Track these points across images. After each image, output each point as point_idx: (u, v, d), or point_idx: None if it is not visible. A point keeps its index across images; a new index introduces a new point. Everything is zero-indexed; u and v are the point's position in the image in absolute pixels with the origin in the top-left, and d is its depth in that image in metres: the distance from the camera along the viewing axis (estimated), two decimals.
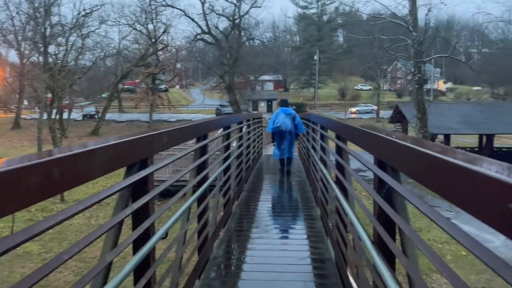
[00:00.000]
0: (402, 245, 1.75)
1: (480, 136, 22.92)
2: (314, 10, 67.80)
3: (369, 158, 2.33)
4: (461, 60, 24.40)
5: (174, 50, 39.92)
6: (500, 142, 26.17)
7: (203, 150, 3.64)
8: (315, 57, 57.26)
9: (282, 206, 6.46)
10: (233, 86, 42.14)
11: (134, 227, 1.98)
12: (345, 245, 3.45)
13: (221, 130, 5.68)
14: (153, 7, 38.71)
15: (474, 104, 24.35)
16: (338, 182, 3.52)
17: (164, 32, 39.42)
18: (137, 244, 1.92)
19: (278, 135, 8.42)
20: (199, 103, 51.80)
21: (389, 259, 1.90)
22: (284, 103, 8.86)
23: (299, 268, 3.86)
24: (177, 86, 56.57)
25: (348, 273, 3.26)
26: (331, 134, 4.66)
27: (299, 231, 5.10)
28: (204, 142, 3.60)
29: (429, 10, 19.93)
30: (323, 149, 4.97)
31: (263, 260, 4.03)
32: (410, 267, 1.57)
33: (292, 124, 8.37)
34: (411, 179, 1.47)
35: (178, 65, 44.27)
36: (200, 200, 3.54)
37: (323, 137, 5.08)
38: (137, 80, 46.92)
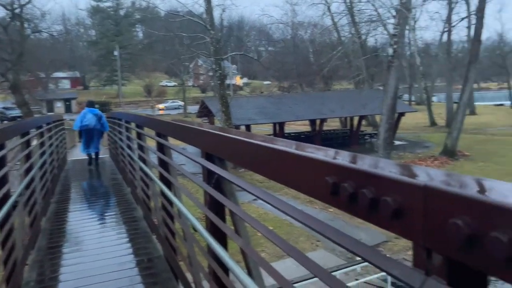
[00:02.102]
0: (235, 226, 1.94)
1: (274, 124, 26.27)
2: (109, 4, 64.38)
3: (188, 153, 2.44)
4: (253, 57, 27.34)
5: None
6: (289, 128, 30.62)
7: (0, 163, 3.11)
8: (115, 53, 54.65)
9: (99, 213, 6.06)
10: (19, 85, 36.39)
11: None
12: (174, 238, 3.52)
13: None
14: None
15: (267, 97, 27.65)
16: (162, 178, 3.55)
17: None
18: None
19: (85, 133, 9.35)
20: None
21: (222, 242, 2.07)
22: (90, 104, 9.65)
23: (126, 272, 3.72)
24: None
25: (181, 265, 3.35)
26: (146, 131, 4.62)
27: (121, 235, 4.89)
28: (2, 152, 3.08)
29: (223, 10, 21.59)
30: (141, 147, 4.88)
31: (83, 273, 3.71)
32: (244, 244, 1.76)
33: (98, 123, 9.36)
34: None
35: None
36: (2, 222, 3.02)
37: (140, 135, 4.99)
38: None
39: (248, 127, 24.78)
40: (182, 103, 50.77)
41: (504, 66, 50.35)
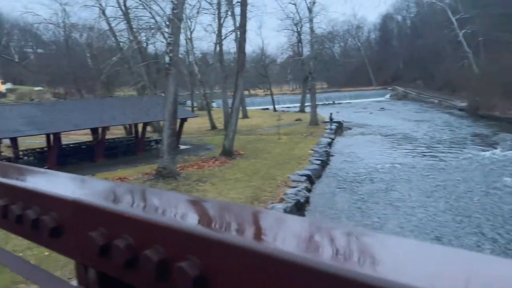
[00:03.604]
0: None
1: (48, 135, 23.38)
2: None
3: None
4: (14, 60, 23.67)
5: None
6: (68, 139, 27.81)
7: None
8: None
9: None
10: None
11: None
12: None
13: None
14: None
15: (38, 105, 24.43)
16: None
17: None
18: None
19: None
20: None
21: None
22: None
23: None
24: None
25: None
26: None
27: None
28: None
29: None
30: None
31: None
32: None
33: None
34: None
35: None
36: None
37: None
38: None
39: (14, 140, 21.41)
40: None
41: (266, 75, 59.21)
